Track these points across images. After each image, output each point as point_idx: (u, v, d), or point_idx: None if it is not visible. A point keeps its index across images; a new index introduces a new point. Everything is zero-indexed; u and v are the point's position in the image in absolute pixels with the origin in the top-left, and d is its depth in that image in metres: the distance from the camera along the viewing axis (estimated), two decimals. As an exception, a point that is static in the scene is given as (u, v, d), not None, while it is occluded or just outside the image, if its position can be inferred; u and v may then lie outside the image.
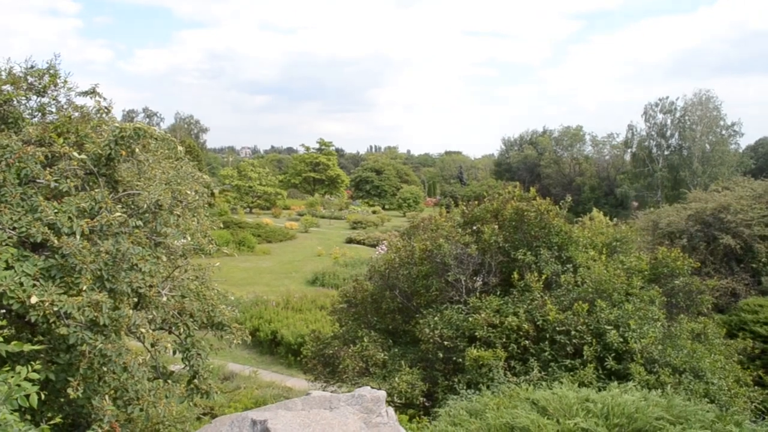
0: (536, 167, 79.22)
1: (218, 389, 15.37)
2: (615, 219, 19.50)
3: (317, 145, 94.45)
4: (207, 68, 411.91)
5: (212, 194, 60.91)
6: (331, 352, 12.03)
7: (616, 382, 7.83)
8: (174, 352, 6.69)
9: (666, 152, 60.86)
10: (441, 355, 10.37)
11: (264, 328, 22.44)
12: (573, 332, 9.63)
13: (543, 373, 9.41)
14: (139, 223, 6.33)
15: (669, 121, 60.83)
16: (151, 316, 6.26)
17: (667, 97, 60.94)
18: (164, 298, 6.44)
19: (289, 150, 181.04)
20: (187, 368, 6.91)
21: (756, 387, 12.32)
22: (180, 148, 7.77)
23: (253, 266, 37.97)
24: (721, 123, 59.15)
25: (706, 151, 57.65)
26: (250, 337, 7.70)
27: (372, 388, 9.75)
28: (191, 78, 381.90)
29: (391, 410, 5.68)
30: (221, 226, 8.96)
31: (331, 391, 10.14)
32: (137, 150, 6.67)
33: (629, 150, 66.77)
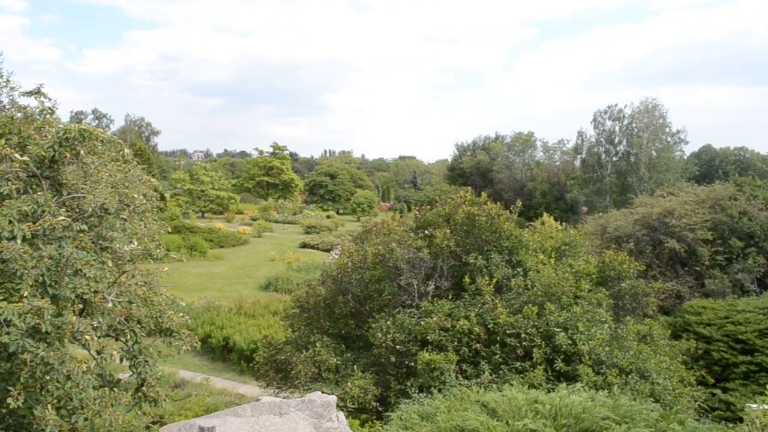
0: (489, 172, 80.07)
1: (168, 397, 15.07)
2: (564, 223, 19.87)
3: (271, 149, 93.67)
4: (159, 70, 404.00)
5: (163, 198, 59.88)
6: (283, 357, 11.92)
7: (564, 384, 7.95)
8: (121, 360, 6.54)
9: (614, 158, 62.24)
10: (393, 359, 10.39)
11: (216, 334, 22.13)
12: (523, 335, 9.77)
13: (494, 375, 9.51)
14: (84, 227, 6.17)
15: (617, 128, 62.22)
16: (96, 323, 6.10)
17: (616, 105, 62.43)
18: (110, 304, 6.29)
19: (243, 154, 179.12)
20: (135, 376, 6.76)
21: (699, 386, 12.72)
22: (127, 150, 7.60)
23: (205, 271, 37.44)
24: (667, 130, 60.81)
25: (653, 158, 59.16)
26: (199, 343, 7.57)
27: (324, 393, 9.71)
28: (142, 79, 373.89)
29: (341, 415, 5.65)
30: (169, 230, 8.77)
31: (284, 397, 10.05)
32: (82, 152, 6.51)
33: (579, 156, 68.04)
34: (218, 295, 29.43)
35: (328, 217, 75.06)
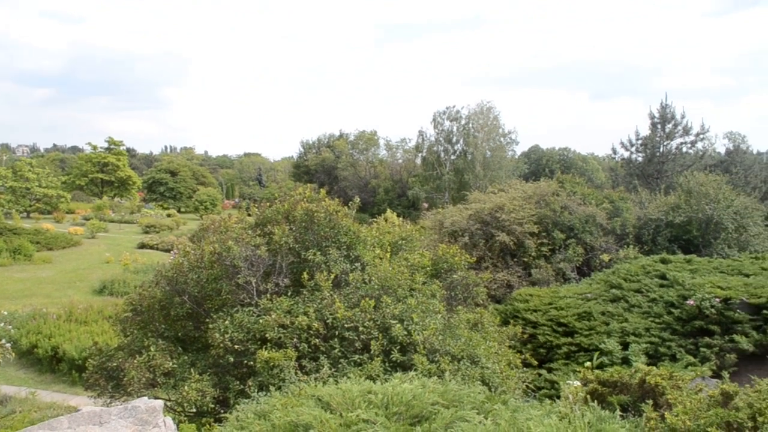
0: (334, 170, 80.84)
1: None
2: (405, 219, 20.50)
3: (106, 144, 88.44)
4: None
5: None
6: (115, 364, 11.32)
7: (400, 373, 8.22)
8: None
9: (453, 157, 65.07)
10: (232, 359, 10.20)
11: (43, 344, 20.61)
12: (361, 328, 9.96)
13: (333, 369, 9.62)
14: None
15: (455, 128, 65.09)
16: None
17: (454, 106, 65.33)
18: None
19: (74, 149, 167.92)
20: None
21: (526, 368, 13.65)
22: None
23: (31, 276, 34.76)
24: (500, 131, 64.53)
25: (487, 157, 62.53)
26: (13, 354, 7.02)
27: (160, 398, 9.36)
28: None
29: (169, 420, 5.46)
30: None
31: (116, 406, 9.54)
32: None
33: (420, 154, 70.41)
34: (46, 302, 27.55)
35: (168, 215, 72.14)
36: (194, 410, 10.57)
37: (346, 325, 10.01)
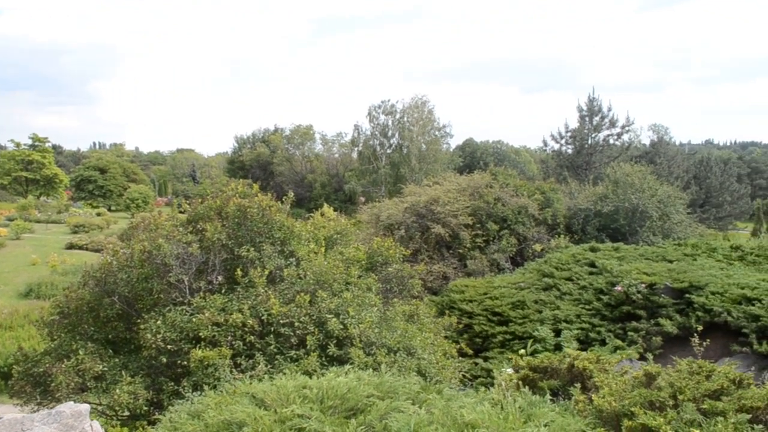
0: (269, 165, 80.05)
1: None
2: (339, 213, 20.48)
3: (30, 141, 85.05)
4: None
5: None
6: (41, 370, 10.91)
7: (337, 367, 8.22)
8: None
9: (388, 150, 65.30)
10: (165, 360, 9.99)
11: (-36, 351, 19.81)
12: (296, 324, 9.91)
13: (269, 366, 9.55)
14: None
15: (390, 122, 65.32)
16: None
17: (389, 100, 65.49)
18: None
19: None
20: None
21: (463, 358, 13.84)
22: None
23: (-50, 281, 33.21)
24: (435, 124, 65.16)
25: (422, 150, 63.03)
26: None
27: (90, 403, 9.09)
28: None
29: (96, 424, 5.31)
30: None
31: (41, 412, 9.21)
32: None
33: (356, 148, 70.39)
34: (-32, 307, 26.32)
35: (98, 214, 69.99)
36: (127, 413, 10.32)
37: (281, 321, 9.94)
